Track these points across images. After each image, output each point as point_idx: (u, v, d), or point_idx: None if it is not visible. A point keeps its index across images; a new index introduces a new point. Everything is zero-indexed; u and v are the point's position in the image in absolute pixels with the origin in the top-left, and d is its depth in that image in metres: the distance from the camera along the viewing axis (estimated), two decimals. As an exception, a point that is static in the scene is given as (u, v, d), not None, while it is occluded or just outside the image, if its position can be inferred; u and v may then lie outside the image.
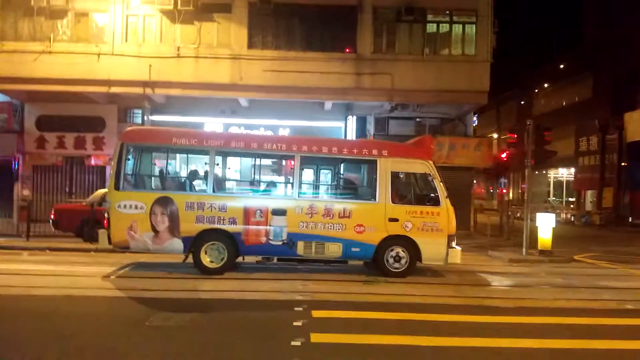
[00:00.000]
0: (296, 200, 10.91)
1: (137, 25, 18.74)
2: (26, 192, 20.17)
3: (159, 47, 18.59)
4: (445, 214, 11.01)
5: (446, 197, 11.07)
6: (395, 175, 11.30)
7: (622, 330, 7.65)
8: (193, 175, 11.75)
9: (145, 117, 18.39)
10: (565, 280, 11.49)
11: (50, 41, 18.37)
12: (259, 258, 11.62)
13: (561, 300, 9.49)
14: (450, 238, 11.04)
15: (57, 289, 9.09)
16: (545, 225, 15.00)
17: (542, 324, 7.81)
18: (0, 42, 18.45)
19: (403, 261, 10.99)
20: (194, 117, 20.22)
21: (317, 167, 12.78)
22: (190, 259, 10.87)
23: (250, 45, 18.76)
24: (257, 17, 18.71)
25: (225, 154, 11.93)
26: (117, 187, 10.66)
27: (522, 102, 43.60)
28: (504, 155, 19.25)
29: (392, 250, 10.98)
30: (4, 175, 20.16)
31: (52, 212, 15.62)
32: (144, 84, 18.31)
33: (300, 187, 11.21)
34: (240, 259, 11.44)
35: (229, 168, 13.94)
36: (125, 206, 10.58)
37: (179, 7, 17.96)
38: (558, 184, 40.52)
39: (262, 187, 11.98)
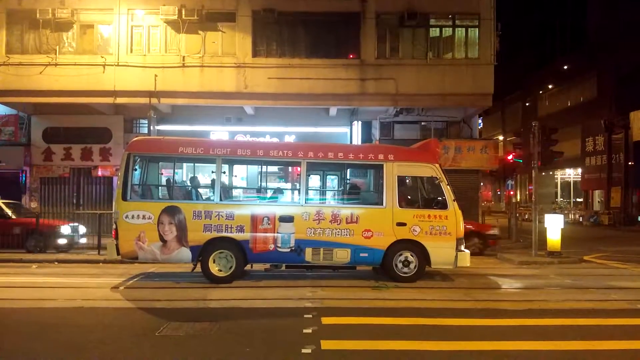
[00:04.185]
0: (303, 206, 10.91)
1: (142, 36, 18.86)
2: (34, 205, 20.27)
3: (164, 57, 18.70)
4: (453, 217, 10.98)
5: (453, 200, 11.04)
6: (401, 180, 11.29)
7: (633, 331, 7.59)
8: (200, 183, 11.78)
9: (152, 127, 18.42)
10: (574, 281, 11.43)
11: (56, 53, 18.51)
12: (267, 266, 11.63)
13: (571, 301, 9.45)
14: (458, 241, 11.00)
15: (67, 300, 9.12)
16: (554, 226, 14.95)
17: (551, 325, 7.79)
18: (6, 55, 18.60)
19: (412, 266, 10.97)
20: (200, 126, 20.34)
21: (323, 173, 12.80)
22: (198, 268, 10.89)
23: (255, 54, 18.83)
24: (261, 25, 18.80)
25: (231, 162, 11.97)
26: (124, 198, 10.71)
27: (527, 104, 43.59)
28: (510, 157, 19.24)
29: (400, 255, 10.95)
30: (12, 188, 20.25)
31: None
32: (150, 94, 18.41)
33: (307, 193, 11.22)
34: (248, 266, 11.46)
35: (236, 176, 13.96)
36: (132, 216, 10.62)
37: (183, 17, 18.10)
38: (565, 184, 40.41)
39: (269, 194, 11.99)
